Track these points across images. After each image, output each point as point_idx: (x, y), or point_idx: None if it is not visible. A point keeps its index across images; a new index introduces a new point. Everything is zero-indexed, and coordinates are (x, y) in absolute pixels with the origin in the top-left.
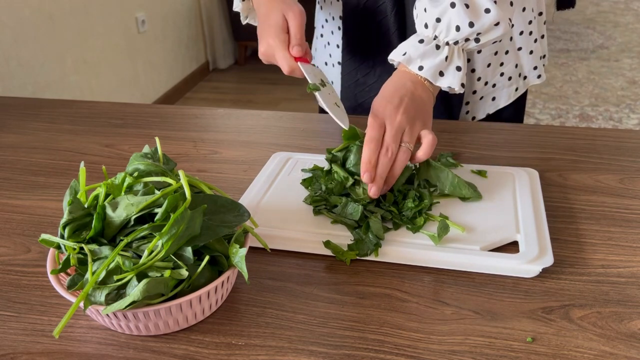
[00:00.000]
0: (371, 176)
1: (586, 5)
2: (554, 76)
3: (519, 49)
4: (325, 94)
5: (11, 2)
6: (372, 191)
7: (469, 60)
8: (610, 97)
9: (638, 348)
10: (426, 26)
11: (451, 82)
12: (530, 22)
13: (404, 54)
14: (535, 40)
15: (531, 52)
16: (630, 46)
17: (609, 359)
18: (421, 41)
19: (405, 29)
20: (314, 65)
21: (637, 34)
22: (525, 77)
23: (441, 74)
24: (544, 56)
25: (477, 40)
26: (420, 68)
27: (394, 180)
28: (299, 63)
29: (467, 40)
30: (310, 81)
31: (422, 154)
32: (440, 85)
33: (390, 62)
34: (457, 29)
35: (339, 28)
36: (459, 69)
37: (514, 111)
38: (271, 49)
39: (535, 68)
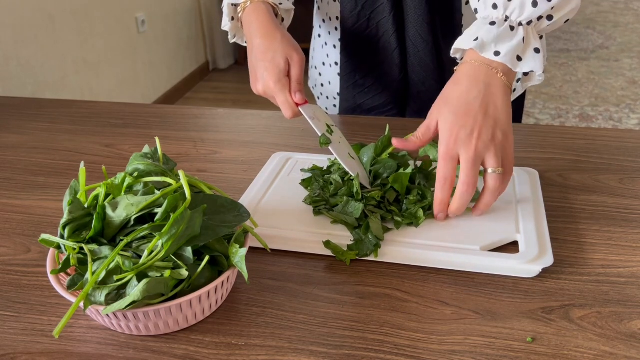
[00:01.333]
0: (445, 216)
1: (586, 5)
2: (554, 76)
3: None
4: (337, 144)
5: (11, 2)
6: (441, 216)
7: None
8: (610, 97)
9: (638, 348)
10: (495, 6)
11: (533, 65)
12: None
13: (476, 39)
14: None
15: None
16: (630, 46)
17: (609, 359)
18: (492, 23)
19: (404, 30)
20: (313, 105)
21: (637, 34)
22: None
23: (519, 58)
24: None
25: (550, 17)
26: (497, 54)
27: (487, 207)
28: (300, 108)
29: (540, 19)
30: (317, 130)
31: (478, 208)
32: (520, 71)
33: (453, 56)
34: (534, 4)
35: (336, 28)
36: (537, 51)
37: (513, 111)
38: (271, 91)
39: None
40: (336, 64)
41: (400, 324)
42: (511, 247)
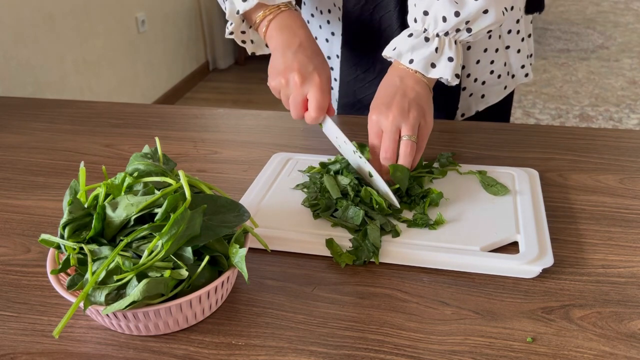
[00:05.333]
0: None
1: (586, 5)
2: (554, 76)
3: (507, 47)
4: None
5: (11, 2)
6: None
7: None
8: (610, 97)
9: (638, 348)
10: (415, 20)
11: (443, 72)
12: (517, 21)
13: (394, 49)
14: (523, 39)
15: (519, 51)
16: (630, 46)
17: (609, 359)
18: (410, 35)
19: (407, 25)
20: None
21: (637, 34)
22: (513, 76)
23: (433, 65)
24: (531, 55)
25: (468, 30)
26: (411, 61)
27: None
28: (328, 116)
29: (457, 30)
30: (341, 137)
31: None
32: (432, 77)
33: (386, 59)
34: (444, 19)
35: (335, 20)
36: (450, 59)
37: (502, 109)
38: (313, 86)
39: (522, 67)
40: (329, 58)
41: (400, 324)
42: (511, 247)
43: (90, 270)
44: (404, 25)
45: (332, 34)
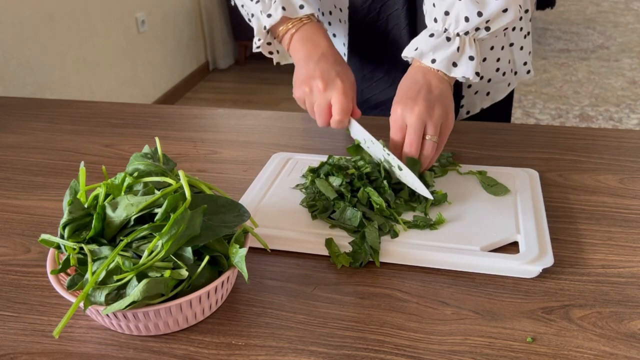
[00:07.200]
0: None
1: (586, 5)
2: (554, 76)
3: (511, 44)
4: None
5: (11, 2)
6: None
7: None
8: (610, 97)
9: (638, 348)
10: (435, 20)
11: (465, 71)
12: (520, 18)
13: (416, 49)
14: (525, 37)
15: (522, 48)
16: (630, 46)
17: (609, 359)
18: (432, 35)
19: (416, 24)
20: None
21: (637, 34)
22: (516, 73)
23: (454, 64)
24: (530, 52)
25: (487, 28)
26: (433, 61)
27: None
28: (353, 119)
29: (477, 29)
30: (370, 138)
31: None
32: (454, 76)
33: (405, 59)
34: (467, 19)
35: (340, 21)
36: (471, 58)
37: (504, 106)
38: (337, 91)
39: (525, 63)
40: (344, 54)
41: (400, 324)
42: (511, 247)
43: (90, 270)
44: (411, 23)
45: (334, 35)
